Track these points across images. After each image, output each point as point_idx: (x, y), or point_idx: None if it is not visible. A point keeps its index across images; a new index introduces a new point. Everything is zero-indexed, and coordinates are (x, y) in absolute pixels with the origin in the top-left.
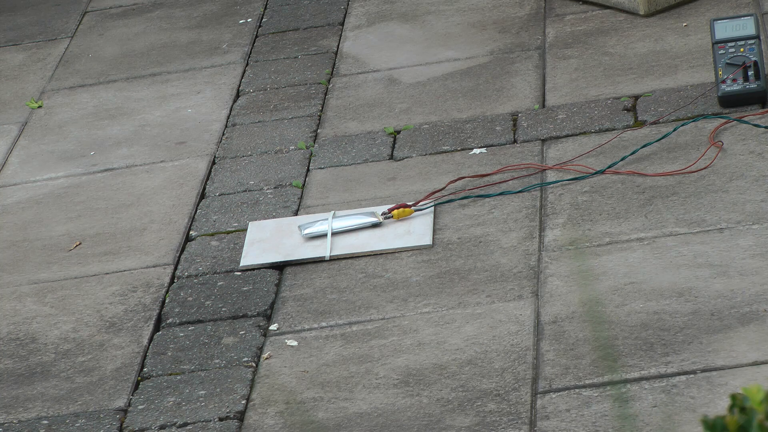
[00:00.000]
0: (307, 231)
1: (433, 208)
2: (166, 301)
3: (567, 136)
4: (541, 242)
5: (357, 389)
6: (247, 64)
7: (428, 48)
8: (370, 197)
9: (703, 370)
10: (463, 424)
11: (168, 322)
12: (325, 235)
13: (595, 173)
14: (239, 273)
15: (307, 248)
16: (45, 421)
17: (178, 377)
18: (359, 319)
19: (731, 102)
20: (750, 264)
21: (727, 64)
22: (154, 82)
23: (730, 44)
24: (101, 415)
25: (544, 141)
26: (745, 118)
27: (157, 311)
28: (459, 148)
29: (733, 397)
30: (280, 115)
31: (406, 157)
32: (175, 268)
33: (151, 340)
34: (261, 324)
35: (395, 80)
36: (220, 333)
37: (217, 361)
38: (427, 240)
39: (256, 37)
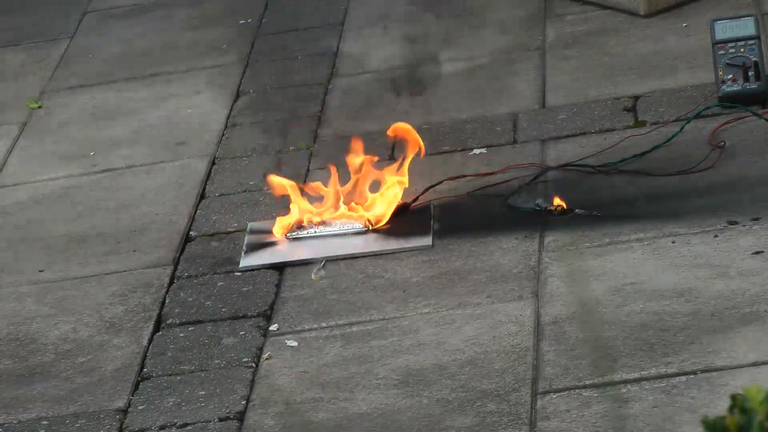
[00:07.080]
0: (292, 233)
1: (431, 208)
2: (166, 301)
3: (567, 136)
4: (541, 242)
5: (357, 390)
6: (247, 64)
7: (428, 48)
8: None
9: (704, 371)
10: (463, 424)
11: (168, 322)
12: (308, 238)
13: (597, 173)
14: (239, 273)
15: (307, 249)
16: (45, 422)
17: (178, 377)
18: (359, 320)
19: (731, 102)
20: (750, 264)
21: (728, 64)
22: (154, 82)
23: (730, 44)
24: (101, 416)
25: (543, 141)
26: (746, 119)
27: (157, 311)
28: (459, 149)
29: (734, 397)
30: (280, 115)
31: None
32: (175, 269)
33: (151, 340)
34: (261, 324)
35: (395, 80)
36: (220, 333)
37: (217, 361)
38: (426, 241)
39: (256, 37)
